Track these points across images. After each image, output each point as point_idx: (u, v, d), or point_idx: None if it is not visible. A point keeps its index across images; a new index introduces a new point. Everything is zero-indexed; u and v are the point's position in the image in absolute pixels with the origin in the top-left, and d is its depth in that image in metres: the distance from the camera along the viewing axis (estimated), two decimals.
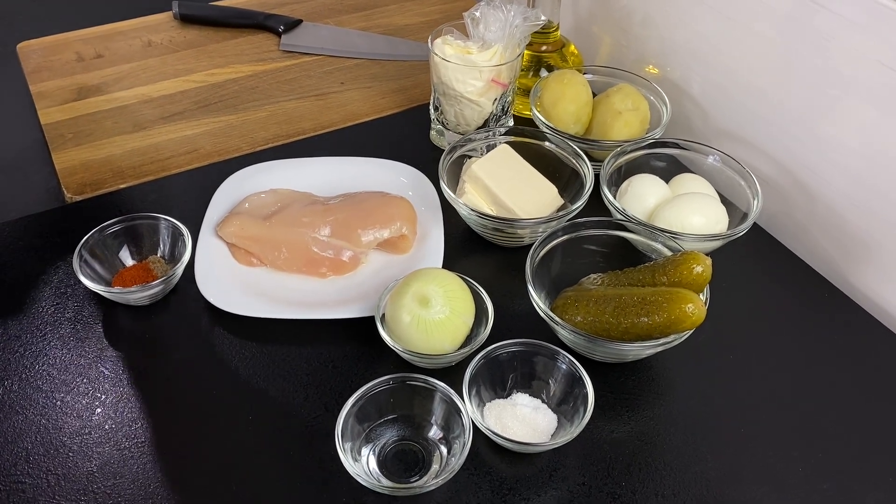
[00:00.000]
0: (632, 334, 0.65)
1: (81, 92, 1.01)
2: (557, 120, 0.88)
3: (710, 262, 0.67)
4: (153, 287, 0.72)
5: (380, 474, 0.62)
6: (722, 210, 0.79)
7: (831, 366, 0.73)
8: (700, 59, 0.91)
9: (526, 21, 0.87)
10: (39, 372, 0.69)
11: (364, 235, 0.78)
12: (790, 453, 0.66)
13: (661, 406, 0.69)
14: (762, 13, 0.81)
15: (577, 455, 0.65)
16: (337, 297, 0.76)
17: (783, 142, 0.85)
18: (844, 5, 0.73)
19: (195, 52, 1.10)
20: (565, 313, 0.68)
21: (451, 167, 0.84)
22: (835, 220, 0.82)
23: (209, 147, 0.94)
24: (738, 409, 0.69)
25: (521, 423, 0.64)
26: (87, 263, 0.74)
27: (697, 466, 0.65)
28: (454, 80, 0.87)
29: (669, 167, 0.85)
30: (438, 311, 0.66)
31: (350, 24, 1.18)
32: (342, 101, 1.03)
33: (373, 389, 0.63)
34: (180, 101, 1.01)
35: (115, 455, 0.64)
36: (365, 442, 0.63)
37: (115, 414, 0.67)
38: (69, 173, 0.89)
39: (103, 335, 0.73)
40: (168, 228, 0.77)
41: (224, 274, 0.76)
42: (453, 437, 0.62)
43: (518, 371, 0.67)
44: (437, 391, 0.63)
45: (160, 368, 0.70)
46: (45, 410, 0.67)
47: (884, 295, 0.79)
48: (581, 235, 0.75)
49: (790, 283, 0.81)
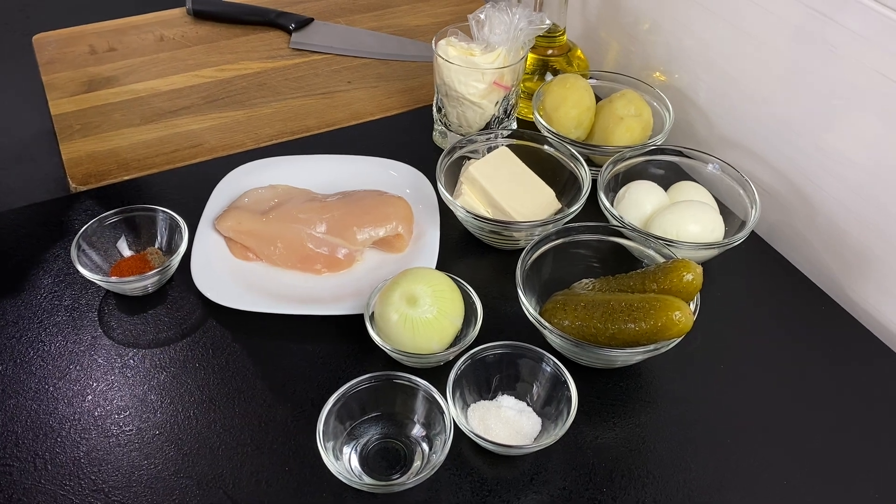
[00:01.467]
0: (619, 340, 0.65)
1: (92, 84, 1.03)
2: (559, 124, 0.88)
3: (700, 271, 0.66)
4: (148, 278, 0.73)
5: (361, 472, 0.62)
6: (718, 219, 0.78)
7: (824, 381, 0.72)
8: (707, 68, 0.91)
9: (531, 24, 0.87)
10: (34, 358, 0.71)
11: (359, 233, 0.78)
12: (776, 466, 0.65)
13: (648, 413, 0.69)
14: (771, 24, 0.81)
15: (560, 459, 0.65)
16: (330, 293, 0.76)
17: (786, 152, 0.84)
18: (853, 18, 0.73)
19: (206, 48, 1.11)
20: (554, 317, 0.68)
21: (451, 168, 0.84)
22: (835, 233, 0.81)
23: (214, 142, 0.95)
24: (725, 419, 0.68)
25: (504, 425, 0.64)
26: (85, 253, 0.75)
27: (681, 475, 0.64)
28: (456, 82, 0.87)
29: (669, 174, 0.85)
30: (426, 311, 0.67)
31: (361, 23, 1.19)
32: (348, 99, 1.03)
33: (354, 388, 0.63)
34: (188, 96, 1.02)
35: (102, 442, 0.65)
36: (347, 440, 0.63)
37: (105, 402, 0.67)
38: (75, 164, 0.91)
39: (98, 324, 0.74)
40: (165, 220, 0.77)
41: (220, 267, 0.77)
42: (434, 434, 0.62)
43: (504, 373, 0.67)
44: (419, 389, 0.63)
45: (151, 358, 0.71)
46: (38, 395, 0.68)
47: (882, 310, 0.78)
48: (574, 240, 0.75)
49: (787, 294, 0.80)
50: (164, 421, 0.66)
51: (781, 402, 0.70)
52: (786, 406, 0.70)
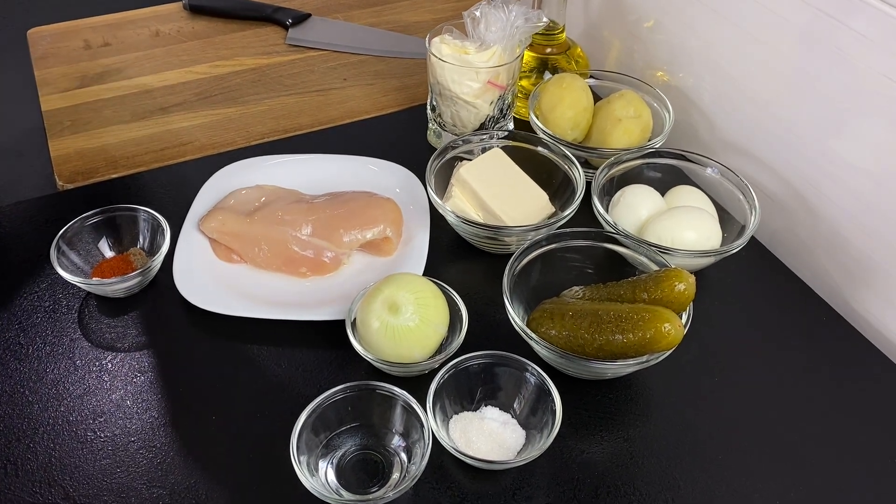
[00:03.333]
0: (606, 352, 0.63)
1: (84, 80, 1.01)
2: (555, 125, 0.85)
3: (693, 281, 0.64)
4: (129, 280, 0.72)
5: (338, 486, 0.60)
6: (716, 226, 0.76)
7: (823, 395, 0.69)
8: (711, 69, 0.88)
9: (527, 22, 0.85)
10: (9, 360, 0.69)
11: (346, 236, 0.76)
12: (768, 484, 0.63)
13: (638, 427, 0.66)
14: (778, 26, 0.78)
15: (545, 474, 0.63)
16: (315, 298, 0.74)
17: (790, 158, 0.81)
18: (861, 20, 0.70)
19: (201, 44, 1.10)
20: (541, 326, 0.66)
21: (443, 169, 0.82)
22: (838, 242, 0.78)
23: (204, 140, 0.93)
24: (718, 434, 0.66)
25: (487, 438, 0.62)
26: (66, 254, 0.73)
27: (668, 493, 0.62)
28: (450, 81, 0.85)
29: (667, 178, 0.82)
30: (408, 319, 0.65)
31: (360, 19, 1.16)
32: (343, 97, 1.01)
33: (329, 399, 0.61)
34: (181, 93, 1.00)
35: (75, 448, 0.63)
36: (324, 452, 0.61)
37: (81, 406, 0.66)
38: (63, 161, 0.89)
39: (77, 326, 0.72)
40: (147, 221, 0.76)
41: (203, 270, 0.75)
42: (413, 444, 0.61)
43: (487, 384, 0.65)
44: (398, 399, 0.61)
45: (130, 363, 0.69)
46: (12, 398, 0.66)
47: (885, 322, 0.75)
48: (565, 246, 0.73)
49: (787, 303, 0.77)
50: (139, 428, 0.65)
51: (777, 417, 0.67)
52: (782, 421, 0.67)
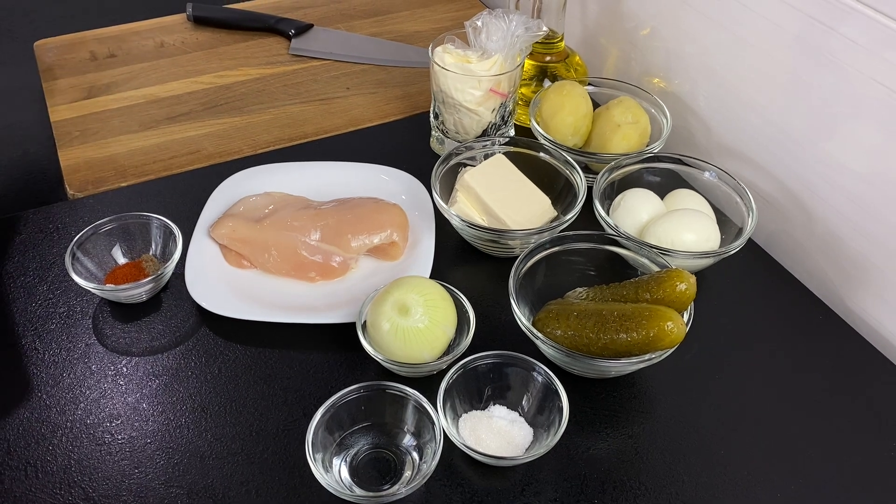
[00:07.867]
0: (611, 350, 0.64)
1: (92, 91, 1.03)
2: (555, 131, 0.87)
3: (694, 280, 0.66)
4: (142, 285, 0.73)
5: (352, 483, 0.62)
6: (714, 228, 0.78)
7: (821, 391, 0.71)
8: (706, 75, 0.90)
9: (528, 31, 0.87)
10: (27, 365, 0.71)
11: (354, 241, 0.78)
12: (770, 478, 0.64)
13: (642, 424, 0.68)
14: (772, 32, 0.80)
15: (552, 470, 0.64)
16: (324, 301, 0.76)
17: (785, 161, 0.83)
18: (854, 28, 0.72)
19: (206, 54, 1.12)
20: (546, 326, 0.68)
21: (447, 175, 0.84)
22: (834, 242, 0.80)
23: (211, 148, 0.95)
24: (720, 430, 0.68)
25: (496, 435, 0.64)
26: (80, 261, 0.75)
27: (673, 487, 0.64)
28: (453, 89, 0.87)
29: (666, 182, 0.84)
30: (418, 320, 0.66)
31: (361, 29, 1.18)
32: (346, 106, 1.03)
33: (343, 399, 0.63)
34: (187, 102, 1.02)
35: (93, 450, 0.65)
36: (337, 450, 0.63)
37: (98, 410, 0.68)
38: (73, 170, 0.91)
39: (92, 331, 0.74)
40: (160, 228, 0.78)
41: (214, 275, 0.77)
42: (424, 443, 0.62)
43: (496, 383, 0.67)
44: (409, 399, 0.63)
45: (144, 366, 0.71)
46: (30, 403, 0.68)
47: (881, 320, 0.77)
48: (569, 248, 0.75)
49: (785, 303, 0.79)
50: (155, 430, 0.66)
51: (777, 413, 0.69)
52: (781, 417, 0.69)
